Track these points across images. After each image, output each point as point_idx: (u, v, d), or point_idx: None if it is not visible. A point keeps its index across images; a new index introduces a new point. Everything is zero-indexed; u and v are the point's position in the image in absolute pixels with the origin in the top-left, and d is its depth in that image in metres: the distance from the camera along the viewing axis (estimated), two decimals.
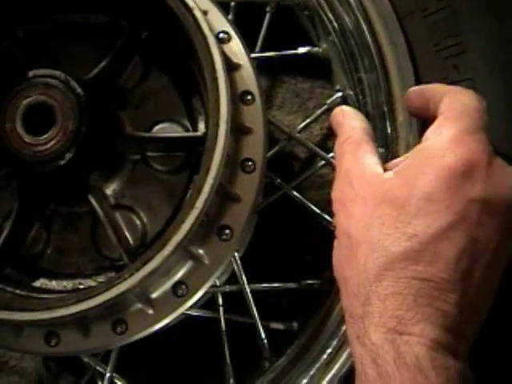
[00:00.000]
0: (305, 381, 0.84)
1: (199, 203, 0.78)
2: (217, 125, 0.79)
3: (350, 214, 0.69)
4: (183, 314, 0.95)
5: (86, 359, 0.96)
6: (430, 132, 0.68)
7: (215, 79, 0.81)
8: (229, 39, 0.90)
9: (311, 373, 0.84)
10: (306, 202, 0.98)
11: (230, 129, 0.80)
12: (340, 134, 0.77)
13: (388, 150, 0.89)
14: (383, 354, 0.60)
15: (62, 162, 0.84)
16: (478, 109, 0.67)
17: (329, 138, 1.12)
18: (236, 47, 0.90)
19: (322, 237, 0.97)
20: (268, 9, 1.05)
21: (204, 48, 0.82)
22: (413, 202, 0.63)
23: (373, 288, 0.63)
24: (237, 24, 0.92)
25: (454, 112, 0.67)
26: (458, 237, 0.62)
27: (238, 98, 0.87)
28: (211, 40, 0.82)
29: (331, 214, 0.94)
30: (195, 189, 0.78)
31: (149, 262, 0.77)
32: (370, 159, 0.71)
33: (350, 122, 0.77)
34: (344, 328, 0.84)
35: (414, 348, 0.59)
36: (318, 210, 0.96)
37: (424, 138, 0.68)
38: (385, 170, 0.70)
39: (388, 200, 0.65)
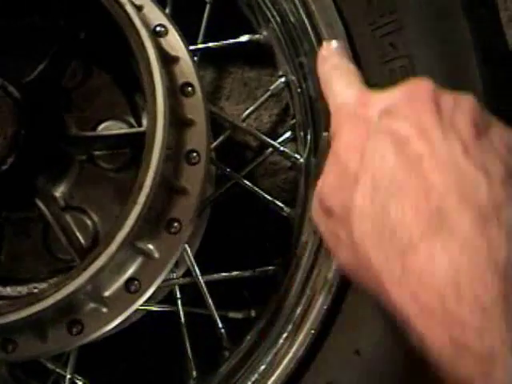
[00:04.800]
0: (263, 367, 0.84)
1: (141, 199, 0.77)
2: (154, 118, 0.79)
3: None
4: (142, 310, 0.96)
5: (48, 364, 0.96)
6: None
7: (150, 72, 0.81)
8: (166, 32, 0.89)
9: (269, 358, 0.84)
10: (257, 189, 0.98)
11: (168, 121, 0.79)
12: None
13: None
14: None
15: (4, 168, 0.83)
16: None
17: (278, 125, 1.12)
18: (174, 40, 0.89)
19: (276, 223, 0.98)
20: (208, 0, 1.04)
21: (138, 42, 0.82)
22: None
23: None
24: (177, 18, 0.92)
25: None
26: None
27: (179, 91, 0.87)
28: (143, 33, 0.82)
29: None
30: (137, 184, 0.78)
31: (95, 260, 0.77)
32: None
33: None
34: (298, 311, 0.84)
35: None
36: (269, 197, 0.97)
37: None
38: None
39: None
